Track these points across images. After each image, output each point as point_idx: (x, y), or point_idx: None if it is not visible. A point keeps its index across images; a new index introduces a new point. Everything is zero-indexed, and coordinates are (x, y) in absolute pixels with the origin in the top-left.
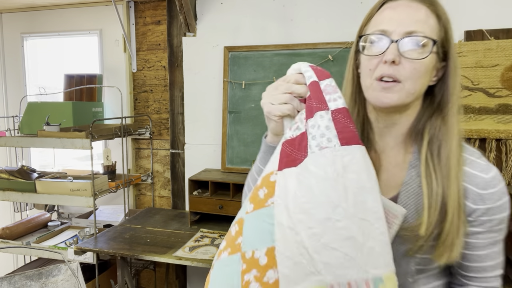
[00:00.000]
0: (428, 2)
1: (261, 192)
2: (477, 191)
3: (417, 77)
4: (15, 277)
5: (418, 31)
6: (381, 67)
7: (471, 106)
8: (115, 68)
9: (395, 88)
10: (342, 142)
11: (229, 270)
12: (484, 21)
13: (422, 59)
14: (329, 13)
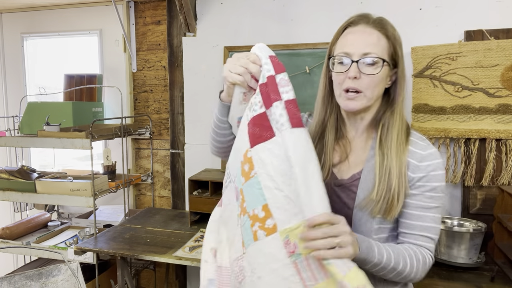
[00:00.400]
0: (379, 26)
1: (246, 166)
2: (415, 163)
3: (374, 86)
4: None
5: (372, 52)
6: (347, 81)
7: (471, 106)
8: (115, 68)
9: (358, 98)
10: (292, 125)
11: (243, 226)
12: (484, 21)
13: (376, 74)
14: (329, 13)
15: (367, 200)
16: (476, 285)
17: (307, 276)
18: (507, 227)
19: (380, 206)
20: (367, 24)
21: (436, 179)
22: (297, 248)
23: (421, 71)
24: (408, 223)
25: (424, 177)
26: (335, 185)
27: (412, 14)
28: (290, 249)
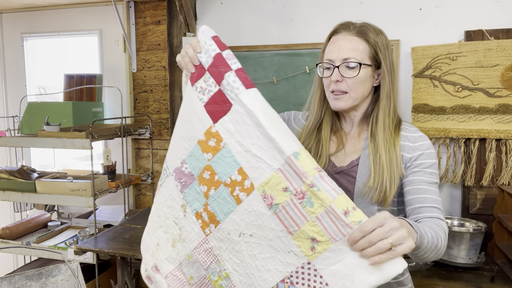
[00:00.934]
0: (359, 33)
1: (212, 142)
2: (410, 145)
3: (356, 87)
4: (15, 277)
5: (351, 57)
6: (332, 84)
7: (471, 106)
8: (115, 68)
9: (343, 98)
10: (246, 87)
11: (219, 198)
12: (484, 21)
13: (355, 76)
14: (329, 13)
15: (366, 187)
16: (476, 285)
17: (289, 224)
18: (507, 227)
19: (378, 193)
20: (348, 32)
21: (431, 157)
22: (273, 199)
23: (421, 71)
24: (418, 197)
25: (421, 154)
26: (335, 173)
27: (412, 14)
28: (268, 201)
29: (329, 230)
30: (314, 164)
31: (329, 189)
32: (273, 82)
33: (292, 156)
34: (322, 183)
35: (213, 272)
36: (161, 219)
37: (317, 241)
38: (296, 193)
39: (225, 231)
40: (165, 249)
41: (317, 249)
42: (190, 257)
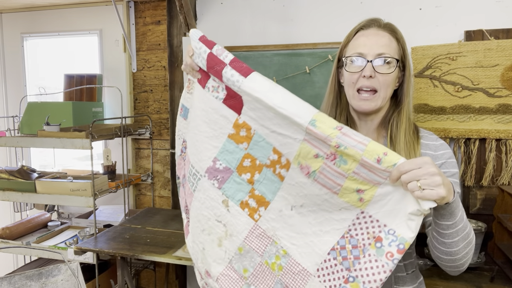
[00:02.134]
0: (390, 29)
1: (242, 132)
2: (432, 153)
3: (387, 86)
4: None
5: (385, 53)
6: (361, 80)
7: (471, 106)
8: (115, 68)
9: (373, 98)
10: (244, 76)
11: (264, 180)
12: (484, 21)
13: (390, 73)
14: (329, 13)
15: None
16: (476, 285)
17: (331, 185)
18: (507, 227)
19: None
20: (378, 27)
21: (453, 166)
22: (310, 168)
23: (421, 71)
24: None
25: (443, 163)
26: None
27: (412, 14)
28: (305, 171)
29: (369, 179)
30: (333, 123)
31: (355, 143)
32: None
33: (309, 125)
34: (347, 140)
35: (269, 255)
36: (201, 223)
37: (363, 191)
38: (327, 156)
39: (276, 210)
40: (211, 252)
41: (365, 198)
42: (241, 249)
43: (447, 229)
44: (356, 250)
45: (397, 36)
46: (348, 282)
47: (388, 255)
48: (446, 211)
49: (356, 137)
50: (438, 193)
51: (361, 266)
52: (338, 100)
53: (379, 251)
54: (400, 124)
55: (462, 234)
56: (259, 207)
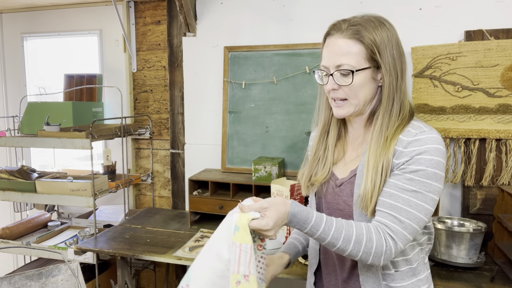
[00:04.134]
0: (353, 33)
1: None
2: (401, 150)
3: (355, 93)
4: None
5: (343, 63)
6: (331, 92)
7: (471, 106)
8: (115, 68)
9: (345, 105)
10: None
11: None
12: (484, 21)
13: (349, 84)
14: (329, 13)
15: (360, 196)
16: (476, 285)
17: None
18: (507, 227)
19: (363, 202)
20: (340, 34)
21: (419, 163)
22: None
23: (421, 71)
24: (380, 200)
25: (407, 161)
26: (336, 186)
27: (412, 14)
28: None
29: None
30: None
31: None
32: (273, 82)
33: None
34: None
35: None
36: None
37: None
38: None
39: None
40: None
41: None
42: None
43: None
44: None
45: (361, 38)
46: None
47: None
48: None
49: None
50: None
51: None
52: (328, 103)
53: None
54: (376, 120)
55: (324, 243)
56: None
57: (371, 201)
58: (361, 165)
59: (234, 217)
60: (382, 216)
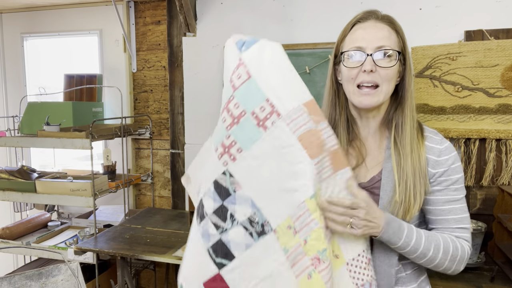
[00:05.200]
0: (388, 21)
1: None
2: (435, 158)
3: (389, 80)
4: (15, 277)
5: (385, 45)
6: (361, 75)
7: (471, 106)
8: (115, 68)
9: (375, 93)
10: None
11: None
12: (484, 21)
13: (391, 66)
14: (329, 13)
15: (390, 204)
16: (476, 285)
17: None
18: (507, 227)
19: (403, 209)
20: (377, 20)
21: (456, 171)
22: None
23: (421, 71)
24: (441, 219)
25: (445, 171)
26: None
27: (412, 14)
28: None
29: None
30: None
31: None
32: None
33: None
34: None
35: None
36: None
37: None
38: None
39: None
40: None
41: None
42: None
43: (404, 252)
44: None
45: (396, 28)
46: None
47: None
48: (384, 240)
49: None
50: (355, 232)
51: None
52: (336, 99)
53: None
54: (405, 123)
55: (415, 255)
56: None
57: (414, 208)
58: (387, 171)
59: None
60: (453, 231)
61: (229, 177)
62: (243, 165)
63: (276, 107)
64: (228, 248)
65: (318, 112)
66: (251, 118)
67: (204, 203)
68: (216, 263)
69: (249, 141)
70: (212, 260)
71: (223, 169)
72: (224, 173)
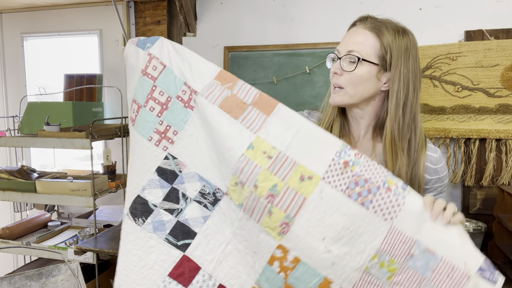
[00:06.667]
0: (373, 27)
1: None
2: (432, 167)
3: (354, 84)
4: (15, 277)
5: (354, 50)
6: (333, 77)
7: (471, 106)
8: (115, 68)
9: (340, 93)
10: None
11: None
12: (484, 21)
13: (351, 71)
14: (329, 13)
15: None
16: None
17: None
18: (507, 227)
19: None
20: (363, 26)
21: (446, 177)
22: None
23: (421, 71)
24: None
25: (439, 178)
26: None
27: (412, 14)
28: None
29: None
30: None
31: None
32: (273, 82)
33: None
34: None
35: None
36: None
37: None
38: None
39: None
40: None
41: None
42: None
43: None
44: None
45: (379, 34)
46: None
47: None
48: None
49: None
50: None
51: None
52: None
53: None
54: (387, 133)
55: None
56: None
57: None
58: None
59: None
60: None
61: (172, 159)
62: (182, 144)
63: (192, 87)
64: (188, 226)
65: (229, 79)
66: (178, 102)
67: (147, 197)
68: (179, 246)
69: (181, 122)
70: (174, 245)
71: (164, 154)
72: (167, 157)
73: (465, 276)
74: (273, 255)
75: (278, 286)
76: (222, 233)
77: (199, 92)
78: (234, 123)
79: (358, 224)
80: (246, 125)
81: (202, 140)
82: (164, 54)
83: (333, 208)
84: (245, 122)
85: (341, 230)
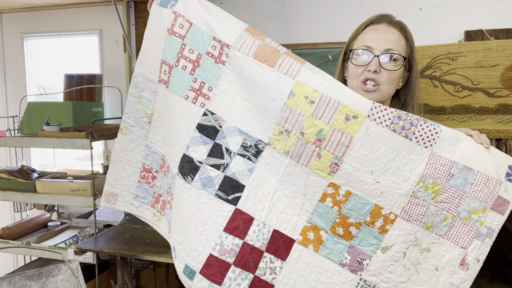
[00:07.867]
0: (400, 27)
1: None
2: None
3: (391, 82)
4: (15, 277)
5: (393, 49)
6: (366, 73)
7: (471, 106)
8: (115, 68)
9: (375, 91)
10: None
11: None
12: (484, 21)
13: (395, 70)
14: (329, 13)
15: None
16: (476, 284)
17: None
18: (507, 227)
19: None
20: (389, 24)
21: None
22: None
23: (421, 71)
24: None
25: None
26: None
27: (412, 14)
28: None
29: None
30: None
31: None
32: None
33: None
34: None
35: None
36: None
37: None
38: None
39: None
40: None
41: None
42: None
43: None
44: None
45: (407, 35)
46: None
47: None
48: None
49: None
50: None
51: None
52: None
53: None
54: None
55: None
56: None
57: None
58: None
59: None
60: None
61: (211, 115)
62: (218, 100)
63: (224, 40)
64: (236, 180)
65: (259, 33)
66: (208, 58)
67: (192, 155)
68: (230, 200)
69: (214, 78)
70: (225, 200)
71: (203, 111)
72: (205, 114)
73: (498, 183)
74: (325, 193)
75: (332, 218)
76: (269, 182)
77: (231, 45)
78: (271, 72)
79: (403, 154)
80: (283, 71)
81: (237, 94)
82: (189, 10)
83: (379, 143)
84: (282, 69)
85: (387, 162)
